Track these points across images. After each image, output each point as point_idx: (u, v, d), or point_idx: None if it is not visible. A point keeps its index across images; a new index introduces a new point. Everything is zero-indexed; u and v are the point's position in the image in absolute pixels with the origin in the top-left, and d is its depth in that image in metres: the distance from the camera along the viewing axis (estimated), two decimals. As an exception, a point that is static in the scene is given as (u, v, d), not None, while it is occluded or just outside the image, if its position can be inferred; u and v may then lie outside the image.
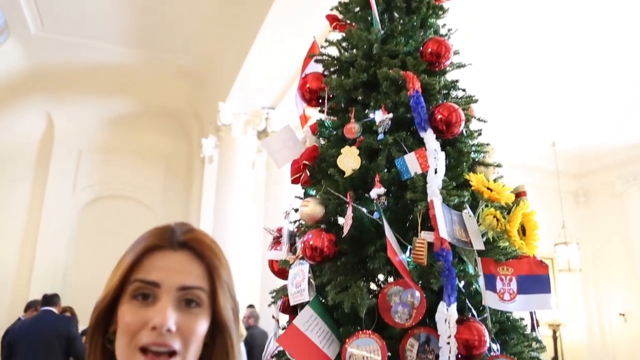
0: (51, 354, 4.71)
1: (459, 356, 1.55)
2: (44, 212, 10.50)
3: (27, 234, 10.44)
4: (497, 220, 1.73)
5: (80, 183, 10.94)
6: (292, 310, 1.86)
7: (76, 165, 10.97)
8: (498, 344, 1.75)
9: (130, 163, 11.07)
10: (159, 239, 0.86)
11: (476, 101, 2.11)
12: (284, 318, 1.97)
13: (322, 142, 2.06)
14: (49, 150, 10.83)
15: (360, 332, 1.61)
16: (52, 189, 10.64)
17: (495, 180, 1.92)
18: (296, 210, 1.99)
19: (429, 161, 1.76)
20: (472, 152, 1.98)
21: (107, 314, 0.85)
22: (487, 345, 1.59)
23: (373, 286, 1.84)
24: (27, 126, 10.72)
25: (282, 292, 1.93)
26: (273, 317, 1.97)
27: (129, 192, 10.94)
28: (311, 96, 2.16)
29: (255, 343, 6.38)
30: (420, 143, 1.84)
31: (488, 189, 1.76)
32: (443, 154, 1.80)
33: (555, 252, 9.81)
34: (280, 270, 1.99)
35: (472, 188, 1.78)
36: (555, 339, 10.13)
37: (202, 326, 0.83)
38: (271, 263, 2.07)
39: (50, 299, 5.18)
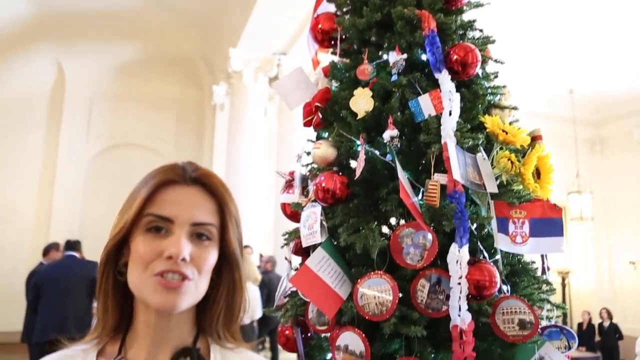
0: (77, 295, 4.93)
1: (470, 296, 1.57)
2: (59, 160, 10.65)
3: (43, 182, 10.63)
4: (512, 163, 1.71)
5: (93, 131, 11.01)
6: (304, 252, 1.88)
7: (88, 114, 11.02)
8: (508, 286, 1.77)
9: (141, 111, 11.08)
10: (172, 174, 0.87)
11: (493, 42, 2.04)
12: (296, 260, 2.00)
13: (335, 84, 2.02)
14: (60, 98, 10.86)
15: (372, 272, 1.63)
16: (65, 137, 10.75)
17: (510, 124, 1.88)
18: (308, 154, 1.98)
19: (444, 103, 1.72)
20: (488, 95, 1.94)
21: (118, 247, 0.88)
22: (498, 286, 1.61)
23: (385, 229, 1.85)
24: (38, 75, 10.70)
25: (294, 234, 1.95)
26: (286, 258, 2.00)
27: (141, 140, 11.01)
28: (323, 37, 2.11)
29: (273, 287, 6.57)
30: (434, 84, 1.80)
31: (503, 131, 1.73)
32: (458, 95, 1.76)
33: (568, 200, 9.79)
34: (293, 213, 2.00)
35: (487, 130, 1.75)
36: (563, 286, 10.28)
37: (212, 257, 0.87)
38: (284, 206, 2.08)
39: (74, 245, 5.39)
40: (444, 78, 1.76)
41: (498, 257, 1.74)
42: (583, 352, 8.73)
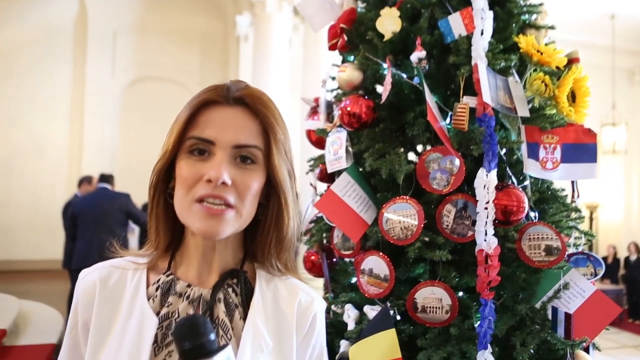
0: (112, 224, 5.15)
1: (496, 221, 1.55)
2: (86, 94, 10.77)
3: (73, 116, 10.81)
4: (546, 85, 1.63)
5: (119, 65, 11.02)
6: (329, 178, 1.88)
7: (113, 47, 10.98)
8: (536, 213, 1.74)
9: (165, 44, 11.00)
10: (215, 94, 0.84)
11: (531, -45, 1.90)
12: (322, 187, 2.00)
13: (361, 4, 1.93)
14: (84, 32, 10.82)
15: (397, 197, 1.62)
16: (92, 71, 10.80)
17: (546, 45, 1.78)
18: (333, 79, 1.93)
19: (475, 22, 1.63)
20: (523, 13, 1.83)
21: (166, 171, 0.87)
22: (526, 211, 1.58)
23: (411, 156, 1.83)
24: (61, 8, 10.60)
25: (319, 160, 1.94)
26: (311, 184, 2.00)
27: (166, 73, 10.99)
28: (349, -45, 2.00)
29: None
30: (466, 3, 1.70)
31: (538, 51, 1.64)
32: (491, 13, 1.66)
33: (601, 133, 9.51)
34: (318, 139, 1.98)
35: (521, 51, 1.66)
36: (591, 219, 10.20)
37: (256, 182, 0.84)
38: (309, 133, 2.06)
39: (107, 178, 5.60)
40: (477, -5, 1.66)
41: (527, 183, 1.70)
42: (607, 284, 8.78)
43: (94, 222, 5.17)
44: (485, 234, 1.52)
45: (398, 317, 1.63)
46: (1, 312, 5.14)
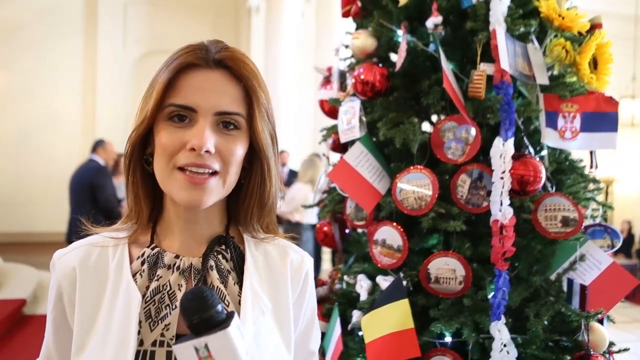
0: (79, 201, 5.06)
1: (512, 191, 1.52)
2: (98, 67, 10.77)
3: (85, 89, 10.83)
4: (567, 51, 1.58)
5: (130, 37, 10.97)
6: (342, 149, 1.86)
7: (123, 19, 10.92)
8: (553, 183, 1.71)
9: (176, 16, 10.92)
10: (193, 57, 0.80)
11: None
12: (334, 157, 1.98)
13: (375, -31, 1.88)
14: (94, 4, 10.75)
15: (412, 167, 1.60)
16: (103, 43, 10.78)
17: (567, 10, 1.72)
18: (347, 47, 1.89)
19: (494, -15, 1.57)
20: (544, -23, 1.76)
21: (143, 137, 0.83)
22: (543, 182, 1.55)
23: (426, 126, 1.79)
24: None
25: (332, 130, 1.91)
26: (323, 154, 1.98)
27: (177, 45, 10.85)
28: None
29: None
30: (485, -34, 1.64)
31: (559, 16, 1.58)
32: (511, -23, 1.60)
33: (620, 105, 9.28)
34: (331, 109, 1.95)
35: (541, 15, 1.61)
36: (607, 194, 10.08)
37: (240, 149, 0.82)
38: (322, 103, 2.03)
39: (95, 146, 5.46)
40: (496, -43, 1.60)
41: (544, 153, 1.67)
42: (621, 259, 8.73)
43: (74, 196, 5.13)
44: (501, 204, 1.50)
45: (411, 288, 1.62)
46: (21, 283, 5.26)
